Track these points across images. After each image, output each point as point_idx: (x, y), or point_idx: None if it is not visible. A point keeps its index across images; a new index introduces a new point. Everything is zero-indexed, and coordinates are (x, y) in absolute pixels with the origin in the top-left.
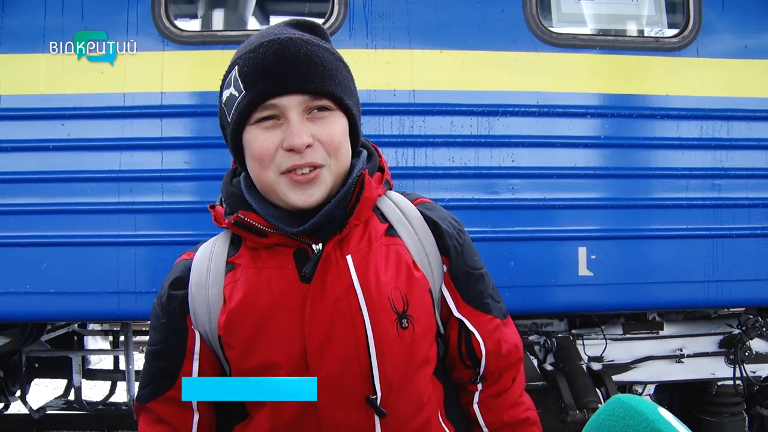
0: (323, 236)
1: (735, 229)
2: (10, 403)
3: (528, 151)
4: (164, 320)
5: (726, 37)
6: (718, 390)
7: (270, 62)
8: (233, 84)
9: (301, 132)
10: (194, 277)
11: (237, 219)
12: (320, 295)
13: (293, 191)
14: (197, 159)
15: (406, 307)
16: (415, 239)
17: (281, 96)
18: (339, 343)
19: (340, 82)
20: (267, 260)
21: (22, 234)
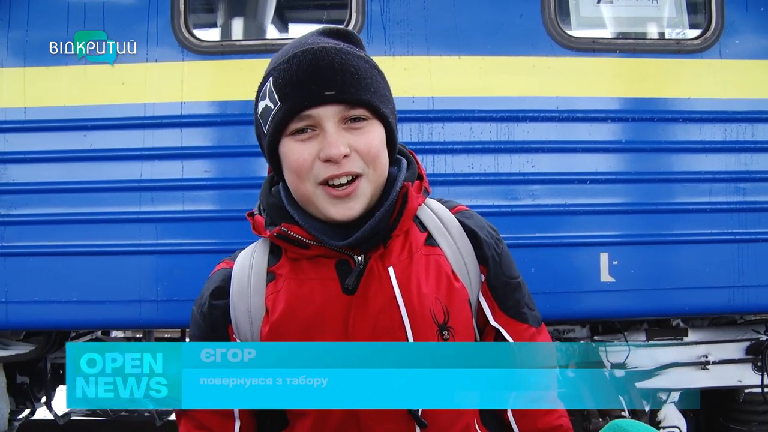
0: (365, 248)
1: (761, 234)
2: (36, 409)
3: (548, 157)
4: (206, 329)
5: (749, 37)
6: (746, 397)
7: (304, 73)
8: (268, 95)
9: (338, 142)
10: (235, 287)
11: (280, 232)
12: (363, 307)
13: (332, 205)
14: (217, 168)
15: (446, 319)
16: (454, 249)
17: (317, 107)
18: None
19: (376, 90)
20: (309, 271)
21: (46, 243)
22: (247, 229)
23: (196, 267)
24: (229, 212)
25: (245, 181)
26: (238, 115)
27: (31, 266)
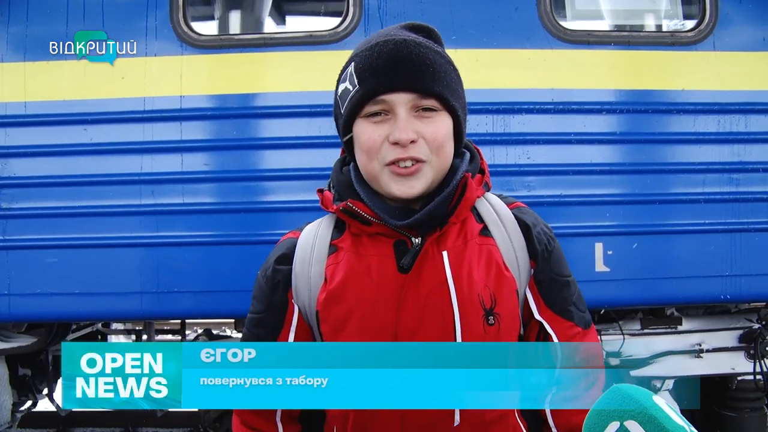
0: (423, 231)
1: (754, 224)
2: (38, 401)
3: (544, 148)
4: (267, 292)
5: (743, 29)
6: (738, 385)
7: (383, 61)
8: (348, 79)
9: (407, 127)
10: (299, 255)
11: (346, 207)
12: (415, 286)
13: (395, 182)
14: (216, 161)
15: (493, 305)
16: (507, 241)
17: (391, 92)
18: (428, 332)
19: (448, 84)
20: (368, 247)
21: (48, 236)
22: (245, 222)
23: (196, 259)
24: (229, 204)
25: (244, 174)
26: (236, 108)
27: (33, 259)
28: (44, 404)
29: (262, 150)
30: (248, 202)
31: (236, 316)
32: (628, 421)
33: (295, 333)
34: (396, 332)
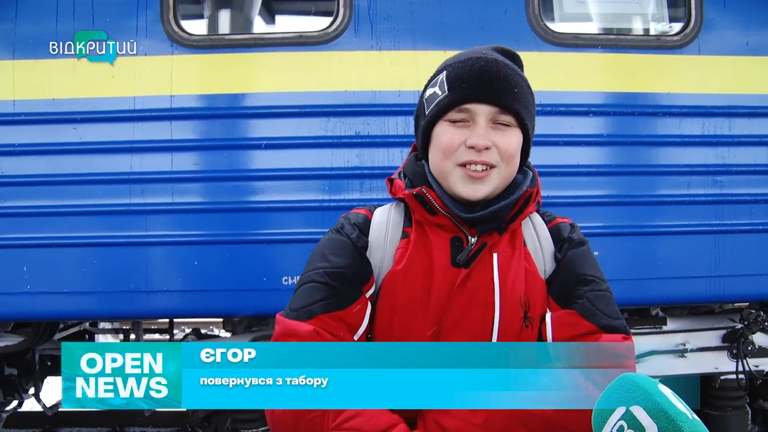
0: (480, 231)
1: (737, 225)
2: (23, 401)
3: (531, 150)
4: (352, 249)
5: (727, 34)
6: (722, 384)
7: (475, 74)
8: (439, 85)
9: (485, 135)
10: (374, 233)
11: (420, 192)
12: (465, 281)
13: (463, 183)
14: (206, 161)
15: (528, 309)
16: (539, 254)
17: (476, 103)
18: (470, 325)
19: (526, 105)
20: (431, 239)
21: (36, 235)
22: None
23: (185, 258)
24: (218, 204)
25: (234, 174)
26: (227, 108)
27: (21, 258)
28: (30, 404)
29: (251, 150)
30: (238, 202)
31: (225, 316)
32: (634, 406)
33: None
34: (441, 321)
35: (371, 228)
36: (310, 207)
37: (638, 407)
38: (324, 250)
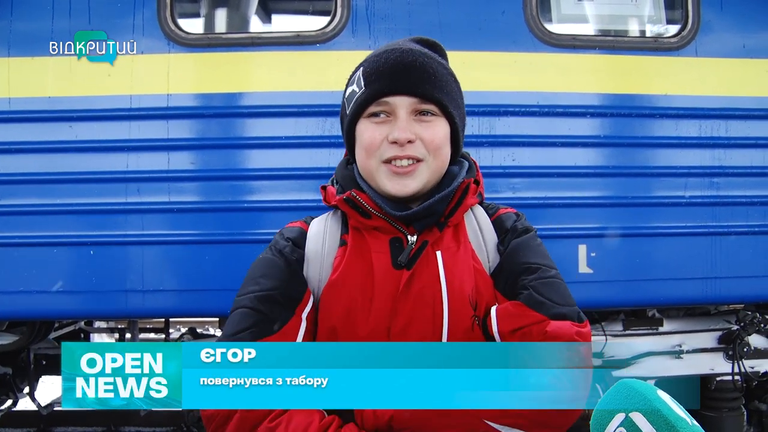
0: (419, 228)
1: (733, 227)
2: (18, 400)
3: (529, 151)
4: (285, 268)
5: (724, 36)
6: (717, 385)
7: (389, 66)
8: (356, 82)
9: (406, 128)
10: (310, 245)
11: (349, 195)
12: (408, 282)
13: (390, 180)
14: (203, 160)
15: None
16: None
17: (394, 95)
18: (419, 327)
19: (448, 92)
20: (368, 243)
21: (31, 234)
22: (230, 221)
23: (181, 257)
24: (215, 203)
25: (230, 173)
26: (223, 107)
27: (16, 257)
28: (25, 403)
29: (248, 149)
30: (234, 202)
31: (220, 315)
32: (633, 413)
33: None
34: (389, 326)
35: (307, 240)
36: (307, 207)
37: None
38: (255, 272)
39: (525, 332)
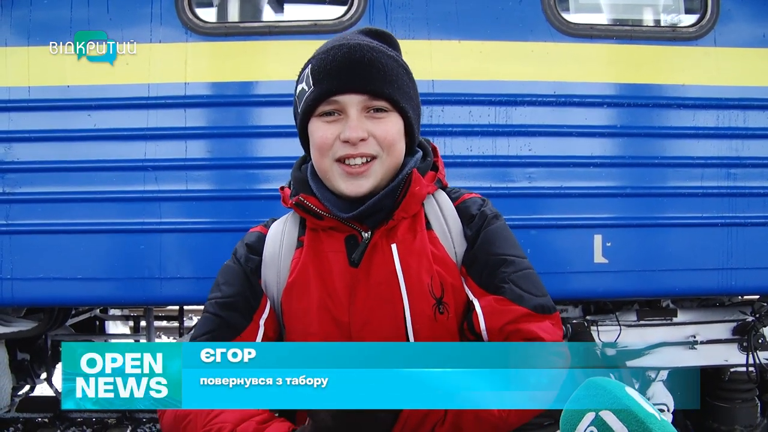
0: (372, 225)
1: (750, 218)
2: (36, 385)
3: (545, 140)
4: (242, 276)
5: (744, 26)
6: (731, 376)
7: (337, 64)
8: (305, 80)
9: (358, 127)
10: (268, 248)
11: (298, 200)
12: (365, 279)
13: (344, 181)
14: (220, 148)
15: (442, 295)
16: (446, 234)
17: (343, 94)
18: (380, 322)
19: (399, 86)
20: (323, 242)
21: (50, 221)
22: (245, 209)
23: (198, 245)
24: (231, 192)
25: (247, 162)
26: (240, 95)
27: (35, 244)
28: (42, 389)
29: (265, 138)
30: (250, 190)
31: None
32: (603, 411)
33: (265, 321)
34: (350, 324)
35: (265, 244)
36: None
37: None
38: (219, 278)
39: (512, 329)
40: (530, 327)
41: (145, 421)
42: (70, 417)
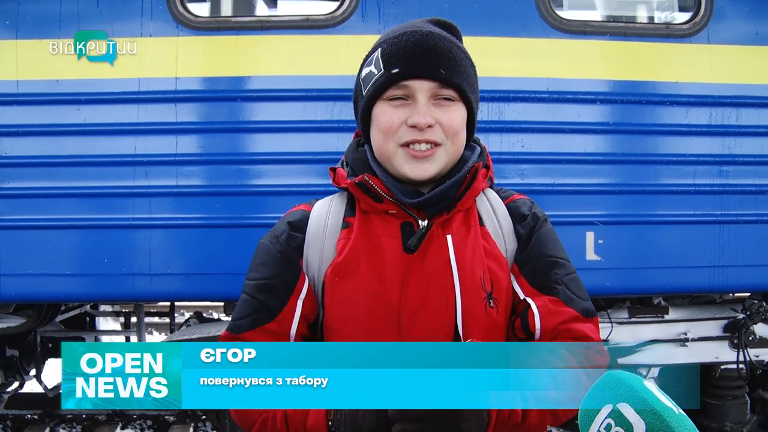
0: (430, 213)
1: (742, 215)
2: (25, 382)
3: (538, 137)
4: (279, 257)
5: (737, 23)
6: (722, 373)
7: (410, 49)
8: (374, 63)
9: (426, 113)
10: (312, 227)
11: (362, 180)
12: (420, 266)
13: (408, 163)
14: (211, 144)
15: (492, 290)
16: (498, 231)
17: (414, 79)
18: (431, 310)
19: (467, 77)
20: (377, 226)
21: (39, 216)
22: (237, 204)
23: (188, 241)
24: (222, 187)
25: (237, 157)
26: (232, 91)
27: (24, 239)
28: (31, 385)
29: (256, 133)
30: (241, 185)
31: (226, 299)
32: (621, 404)
33: (303, 301)
34: (399, 310)
35: (309, 222)
36: (314, 191)
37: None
38: (255, 258)
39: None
40: (579, 327)
41: (136, 417)
42: (59, 414)
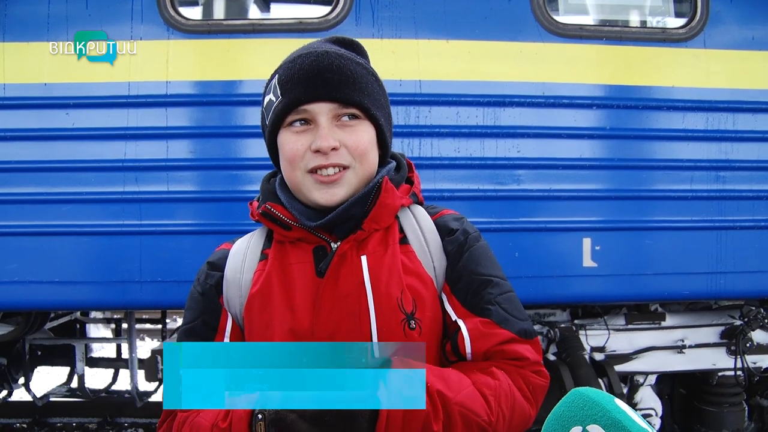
0: (342, 235)
1: (739, 221)
2: (13, 391)
3: (533, 142)
4: (200, 297)
5: (733, 28)
6: (719, 380)
7: (305, 72)
8: (272, 90)
9: (328, 136)
10: (230, 264)
11: (264, 209)
12: (332, 290)
13: (317, 190)
14: (202, 149)
15: (414, 310)
16: (424, 248)
17: (313, 102)
18: (345, 335)
19: (369, 93)
20: (290, 254)
21: (27, 223)
22: (229, 211)
23: (179, 248)
24: (214, 193)
25: (229, 162)
26: (224, 95)
27: (11, 246)
28: (20, 394)
29: (249, 138)
30: (233, 191)
31: None
32: (591, 425)
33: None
34: (313, 337)
35: (228, 259)
36: None
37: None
38: (186, 302)
39: (496, 350)
40: (515, 348)
41: (127, 426)
42: (49, 422)
